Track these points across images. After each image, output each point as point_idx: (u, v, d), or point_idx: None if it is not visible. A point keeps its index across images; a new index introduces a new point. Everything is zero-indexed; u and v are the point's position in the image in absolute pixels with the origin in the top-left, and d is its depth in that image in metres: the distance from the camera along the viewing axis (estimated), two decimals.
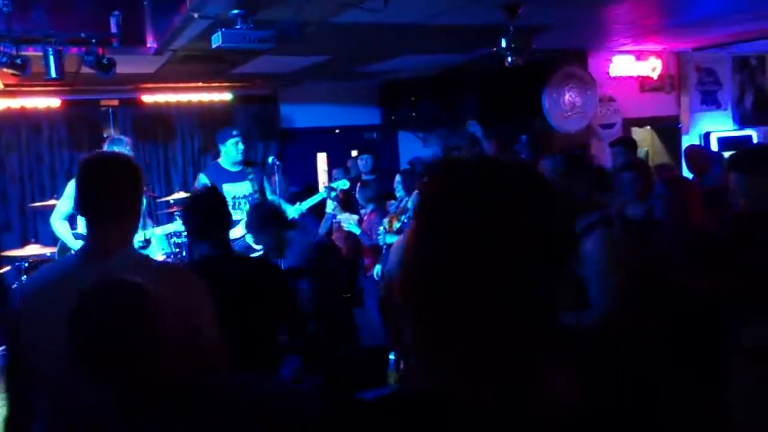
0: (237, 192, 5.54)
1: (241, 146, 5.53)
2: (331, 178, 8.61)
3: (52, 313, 1.76)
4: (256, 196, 5.60)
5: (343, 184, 5.90)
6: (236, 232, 5.27)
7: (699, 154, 6.48)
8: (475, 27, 5.30)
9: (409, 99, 8.69)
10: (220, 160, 5.65)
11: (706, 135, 8.65)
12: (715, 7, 5.53)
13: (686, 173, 6.58)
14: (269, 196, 5.77)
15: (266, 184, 5.82)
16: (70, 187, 5.08)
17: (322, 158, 9.46)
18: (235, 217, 5.38)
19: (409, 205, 5.49)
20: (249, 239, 5.05)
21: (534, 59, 5.12)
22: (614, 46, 7.62)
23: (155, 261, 2.12)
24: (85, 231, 2.08)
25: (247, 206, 5.41)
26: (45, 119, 7.68)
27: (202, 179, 5.51)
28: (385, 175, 7.54)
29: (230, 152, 5.53)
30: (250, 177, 5.56)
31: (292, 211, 5.55)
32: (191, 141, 8.45)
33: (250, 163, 5.69)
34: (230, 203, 5.43)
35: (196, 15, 4.25)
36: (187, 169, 8.41)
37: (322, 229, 6.81)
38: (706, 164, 6.17)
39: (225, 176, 5.54)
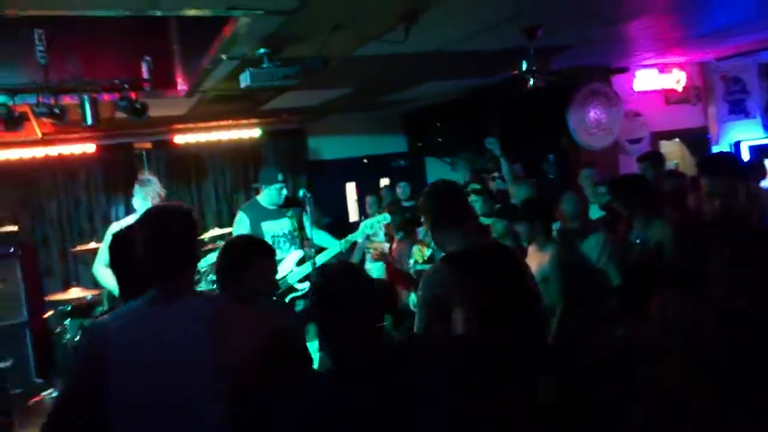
0: (276, 230, 5.43)
1: (285, 192, 5.43)
2: (363, 206, 8.67)
3: (135, 358, 1.99)
4: (296, 234, 5.50)
5: (383, 218, 5.71)
6: (280, 271, 5.20)
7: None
8: (496, 51, 5.36)
9: (434, 125, 8.79)
10: (259, 198, 5.55)
11: (737, 144, 8.55)
12: (737, 15, 5.51)
13: None
14: (313, 232, 5.71)
15: (306, 219, 5.75)
16: (110, 233, 5.19)
17: (351, 188, 9.56)
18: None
19: None
20: (291, 279, 5.06)
21: (555, 80, 5.14)
22: (637, 60, 7.61)
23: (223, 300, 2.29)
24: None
25: (287, 245, 5.39)
26: (81, 164, 7.93)
27: (242, 217, 5.44)
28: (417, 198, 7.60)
29: (272, 196, 5.42)
30: (289, 214, 5.44)
31: (337, 245, 5.49)
32: (223, 179, 8.64)
33: (291, 204, 5.52)
34: (270, 242, 5.39)
35: (224, 56, 4.39)
36: (220, 207, 8.58)
37: (356, 258, 6.86)
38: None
39: (264, 214, 5.43)
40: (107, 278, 4.99)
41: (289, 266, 5.28)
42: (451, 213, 2.95)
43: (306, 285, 5.04)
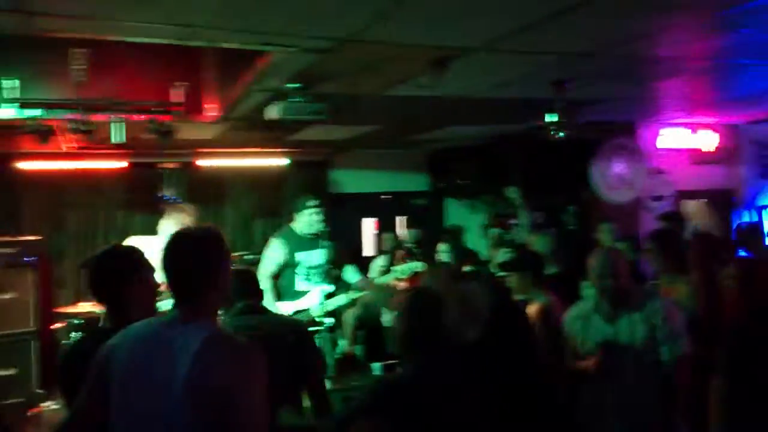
0: (311, 261, 5.24)
1: (320, 215, 5.18)
2: (380, 243, 8.63)
3: (140, 374, 2.04)
4: (329, 267, 5.32)
5: (416, 266, 5.43)
6: (305, 303, 5.14)
7: (754, 232, 6.30)
8: (524, 100, 5.38)
9: (457, 166, 8.79)
10: (294, 226, 5.30)
11: (763, 209, 8.45)
12: None
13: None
14: (345, 268, 5.63)
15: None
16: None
17: (369, 223, 9.55)
18: (303, 288, 5.20)
19: None
20: (314, 312, 5.00)
21: (580, 134, 5.13)
22: (665, 118, 7.60)
23: (228, 335, 2.21)
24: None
25: (318, 278, 5.23)
26: (105, 181, 7.99)
27: (277, 245, 5.23)
28: (432, 241, 7.57)
29: (306, 222, 5.18)
30: (323, 245, 5.25)
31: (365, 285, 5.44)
32: (242, 205, 8.65)
33: (325, 236, 5.33)
34: (301, 273, 5.23)
35: (255, 87, 4.44)
36: (236, 233, 8.57)
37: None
38: (759, 242, 6.02)
39: (299, 244, 5.21)
40: None
41: (317, 299, 5.14)
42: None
43: (331, 320, 5.01)
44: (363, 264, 8.27)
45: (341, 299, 5.20)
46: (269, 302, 5.22)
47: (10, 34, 3.24)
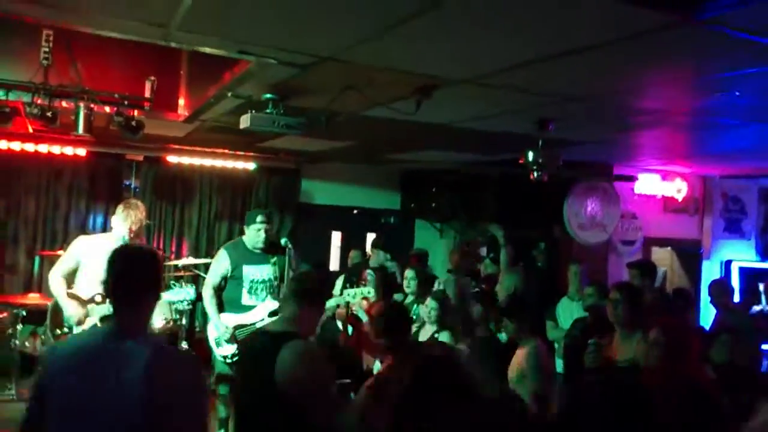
0: (256, 276, 5.19)
1: (263, 235, 5.19)
2: (346, 259, 8.48)
3: (78, 386, 2.16)
4: (276, 282, 5.25)
5: (368, 293, 5.48)
6: (250, 318, 5.07)
7: (724, 289, 6.30)
8: (504, 134, 5.30)
9: (430, 189, 8.69)
10: (244, 238, 5.31)
11: (728, 263, 8.50)
12: (745, 142, 5.49)
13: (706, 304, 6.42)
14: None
15: (288, 271, 5.54)
16: (75, 246, 4.97)
17: (337, 237, 9.40)
18: (249, 303, 5.13)
19: (419, 311, 5.31)
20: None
21: (559, 176, 5.07)
22: (641, 164, 7.60)
23: (173, 348, 2.50)
24: (112, 311, 2.40)
25: (264, 293, 5.18)
26: (68, 167, 7.71)
27: (223, 256, 5.22)
28: (400, 260, 7.46)
29: (252, 237, 5.22)
30: (272, 261, 5.21)
31: None
32: (209, 205, 8.44)
33: (274, 249, 5.28)
34: (246, 287, 5.16)
35: (229, 94, 4.27)
36: (200, 232, 8.36)
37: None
38: (727, 298, 6.02)
39: (247, 257, 5.20)
40: (58, 288, 4.78)
41: (261, 315, 5.09)
42: None
43: None
44: (328, 278, 8.14)
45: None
46: (212, 314, 5.11)
47: None
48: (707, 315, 7.42)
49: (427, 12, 2.55)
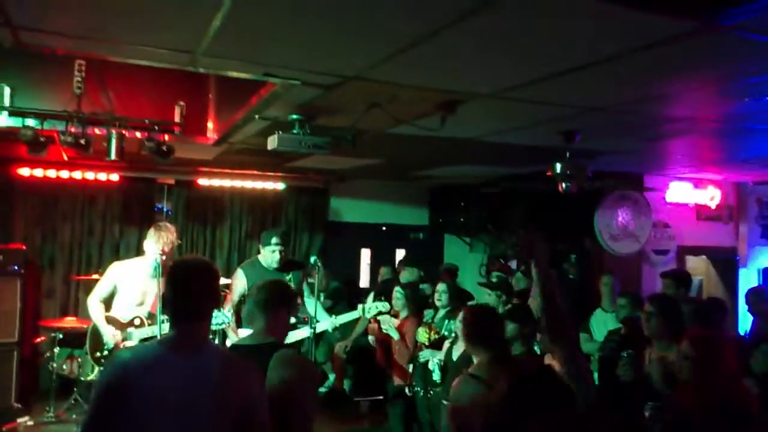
0: None
1: (277, 256, 5.32)
2: (376, 275, 8.50)
3: (152, 393, 2.21)
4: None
5: (384, 307, 5.64)
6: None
7: (762, 297, 6.16)
8: (530, 147, 5.28)
9: (458, 204, 8.67)
10: (260, 257, 5.47)
11: (765, 270, 8.31)
12: None
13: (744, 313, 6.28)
14: (306, 300, 5.61)
15: (306, 288, 5.66)
16: (111, 271, 5.08)
17: (366, 254, 9.42)
18: None
19: (451, 326, 5.30)
20: None
21: (588, 187, 5.02)
22: (672, 173, 7.49)
23: (236, 357, 2.56)
24: (169, 326, 2.49)
25: None
26: (102, 192, 7.86)
27: (239, 275, 5.38)
28: (429, 276, 7.45)
29: (267, 257, 5.37)
30: (288, 278, 5.37)
31: (328, 324, 5.38)
32: (239, 226, 8.54)
33: (289, 267, 5.44)
34: None
35: (256, 116, 4.34)
36: (231, 253, 8.45)
37: (359, 329, 6.71)
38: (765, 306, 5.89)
39: (262, 274, 5.23)
40: (97, 313, 4.95)
41: None
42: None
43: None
44: (359, 295, 8.15)
45: (302, 333, 5.26)
46: (231, 331, 5.23)
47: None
48: (745, 324, 7.25)
49: (450, 27, 2.57)
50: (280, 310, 3.06)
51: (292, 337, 5.06)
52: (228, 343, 5.16)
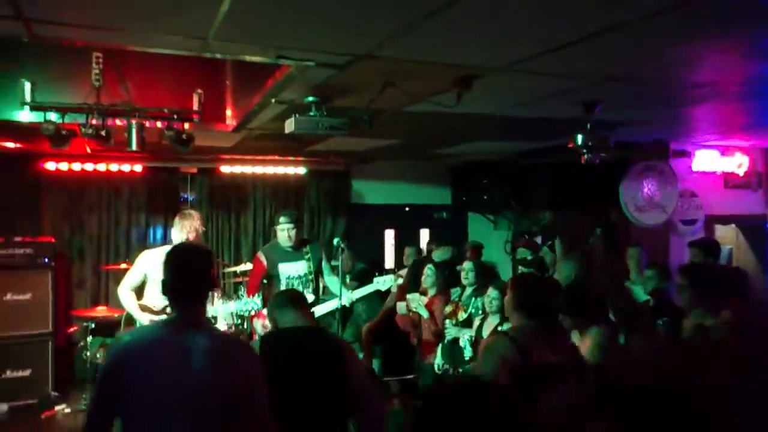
0: (291, 272, 5.52)
1: (288, 233, 5.51)
2: (401, 255, 8.51)
3: (149, 371, 2.31)
4: (311, 277, 5.53)
5: (394, 280, 5.82)
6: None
7: None
8: (550, 119, 5.20)
9: (481, 181, 8.61)
10: (278, 239, 5.66)
11: None
12: None
13: None
14: (326, 278, 5.68)
15: (325, 265, 5.73)
16: (141, 260, 5.15)
17: (390, 235, 9.42)
18: None
19: (479, 304, 5.29)
20: None
21: (611, 157, 4.94)
22: (698, 140, 7.34)
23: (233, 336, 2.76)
24: (169, 308, 2.61)
25: (300, 288, 5.38)
26: (126, 183, 7.97)
27: (259, 257, 5.61)
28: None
29: (280, 237, 5.59)
30: (306, 257, 5.49)
31: (345, 299, 5.45)
32: (263, 212, 8.59)
33: (303, 244, 5.64)
34: (284, 284, 5.45)
35: (273, 100, 4.33)
36: (257, 239, 8.51)
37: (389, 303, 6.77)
38: None
39: (280, 255, 5.55)
40: (129, 301, 5.01)
41: None
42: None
43: None
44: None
45: (325, 307, 5.47)
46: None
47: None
48: None
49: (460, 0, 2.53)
50: (307, 307, 3.40)
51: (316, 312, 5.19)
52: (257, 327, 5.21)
